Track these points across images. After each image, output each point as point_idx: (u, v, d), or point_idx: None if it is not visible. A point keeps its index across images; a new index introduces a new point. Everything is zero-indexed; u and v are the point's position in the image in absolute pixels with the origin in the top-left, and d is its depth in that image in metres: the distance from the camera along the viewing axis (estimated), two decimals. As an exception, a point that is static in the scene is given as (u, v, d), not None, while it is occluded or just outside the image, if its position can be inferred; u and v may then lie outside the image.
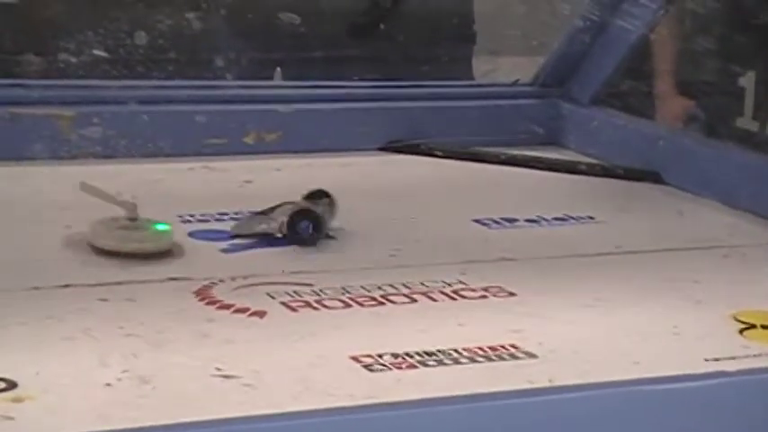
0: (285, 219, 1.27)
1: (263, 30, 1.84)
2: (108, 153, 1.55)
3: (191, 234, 1.33)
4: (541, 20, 2.15)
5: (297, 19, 1.75)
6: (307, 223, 1.26)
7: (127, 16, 1.71)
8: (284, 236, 1.27)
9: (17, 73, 1.65)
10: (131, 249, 1.18)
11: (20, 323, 1.05)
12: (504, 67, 2.16)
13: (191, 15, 1.71)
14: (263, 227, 1.29)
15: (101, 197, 1.23)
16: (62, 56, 1.66)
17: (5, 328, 1.03)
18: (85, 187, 1.25)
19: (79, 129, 1.53)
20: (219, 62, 1.73)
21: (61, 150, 1.53)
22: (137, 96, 1.58)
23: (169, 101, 1.62)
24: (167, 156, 1.60)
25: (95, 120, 1.54)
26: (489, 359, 1.02)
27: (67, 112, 1.54)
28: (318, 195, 1.35)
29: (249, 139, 1.66)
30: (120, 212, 1.24)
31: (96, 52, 1.67)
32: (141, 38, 1.67)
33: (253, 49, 1.78)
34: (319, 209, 1.28)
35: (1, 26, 1.71)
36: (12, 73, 1.64)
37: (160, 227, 1.22)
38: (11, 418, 0.86)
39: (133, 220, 1.20)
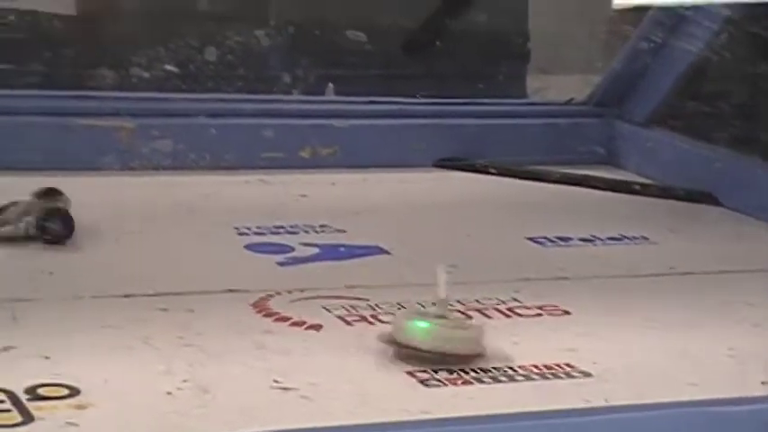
0: (32, 219, 1.27)
1: (327, 46, 1.87)
2: (177, 165, 1.58)
3: (247, 247, 1.35)
4: (593, 40, 2.15)
5: (363, 37, 1.78)
6: (59, 221, 1.26)
7: (197, 32, 1.74)
8: (33, 236, 1.26)
9: (91, 86, 1.68)
10: (445, 350, 1.02)
11: (81, 331, 1.07)
12: (554, 86, 2.17)
13: (260, 33, 1.73)
14: (5, 230, 1.27)
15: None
16: (134, 70, 1.69)
17: (69, 336, 1.05)
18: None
19: (149, 142, 1.56)
20: (286, 78, 1.75)
21: (132, 162, 1.56)
22: (202, 109, 1.60)
23: (234, 114, 1.64)
24: (224, 168, 1.62)
25: (165, 132, 1.57)
26: (544, 377, 1.02)
27: (136, 124, 1.57)
28: (51, 193, 1.35)
29: (305, 154, 1.67)
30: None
31: (167, 67, 1.70)
32: (211, 53, 1.69)
33: (316, 65, 1.80)
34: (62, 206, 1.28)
35: (76, 40, 1.74)
36: (86, 86, 1.68)
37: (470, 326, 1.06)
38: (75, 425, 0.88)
39: (442, 317, 1.04)
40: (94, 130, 1.56)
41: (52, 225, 1.27)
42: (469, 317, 1.11)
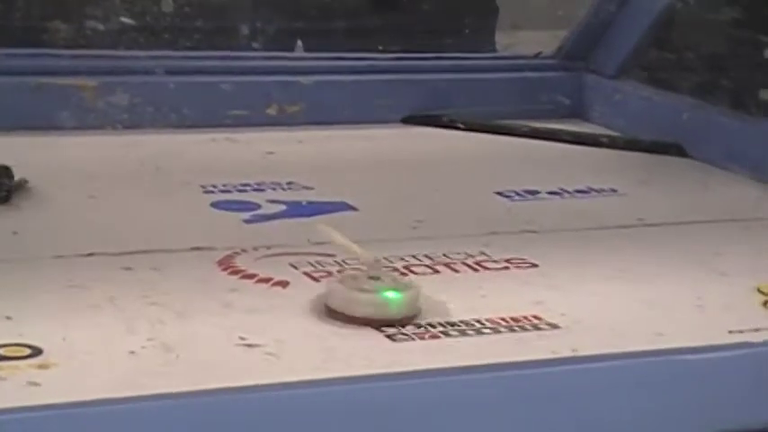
0: None
1: None
2: (134, 122, 1.56)
3: (213, 204, 1.34)
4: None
5: None
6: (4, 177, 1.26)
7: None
8: None
9: (44, 41, 1.65)
10: (374, 316, 1.01)
11: (45, 291, 1.05)
12: (524, 41, 2.15)
13: None
14: None
15: (338, 244, 1.08)
16: (89, 23, 1.67)
17: (31, 296, 1.04)
18: (322, 231, 1.12)
19: (105, 97, 1.54)
20: (245, 31, 1.73)
21: (88, 119, 1.54)
22: (164, 66, 1.58)
23: (196, 71, 1.62)
24: (189, 126, 1.61)
25: (122, 89, 1.55)
26: (512, 330, 1.02)
27: (93, 81, 1.55)
28: None
29: (272, 111, 1.66)
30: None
31: (123, 20, 1.67)
32: (168, 5, 1.67)
33: (278, 18, 1.78)
34: None
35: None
36: (39, 41, 1.65)
37: (402, 288, 1.03)
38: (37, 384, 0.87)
39: (375, 278, 1.04)
40: (49, 88, 1.54)
41: (5, 180, 1.26)
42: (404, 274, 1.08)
